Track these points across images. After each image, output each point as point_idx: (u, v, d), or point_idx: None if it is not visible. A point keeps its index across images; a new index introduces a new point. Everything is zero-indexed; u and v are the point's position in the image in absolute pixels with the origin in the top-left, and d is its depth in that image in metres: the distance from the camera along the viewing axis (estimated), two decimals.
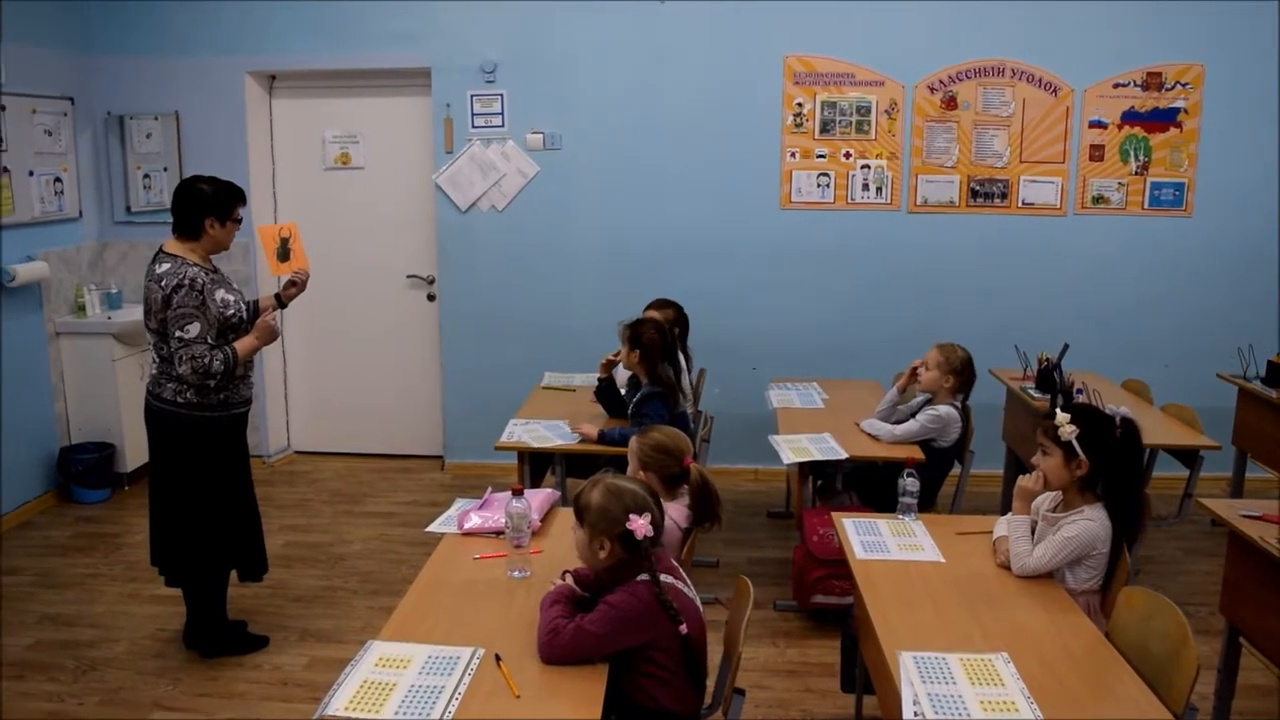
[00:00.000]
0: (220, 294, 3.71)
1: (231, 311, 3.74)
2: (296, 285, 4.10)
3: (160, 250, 3.74)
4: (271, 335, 3.84)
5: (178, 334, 3.61)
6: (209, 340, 3.65)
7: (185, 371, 3.62)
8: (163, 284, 3.62)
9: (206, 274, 3.69)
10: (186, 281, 3.60)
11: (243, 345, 3.76)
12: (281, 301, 4.12)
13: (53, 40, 5.78)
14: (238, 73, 6.07)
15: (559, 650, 2.38)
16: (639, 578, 2.46)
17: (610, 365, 4.66)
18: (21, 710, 3.67)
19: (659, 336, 4.45)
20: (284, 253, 4.07)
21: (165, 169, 6.17)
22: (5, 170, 5.35)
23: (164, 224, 6.01)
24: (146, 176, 6.20)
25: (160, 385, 3.76)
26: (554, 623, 2.41)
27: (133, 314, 5.84)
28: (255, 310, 4.03)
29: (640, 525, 2.44)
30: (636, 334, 4.43)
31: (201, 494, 3.83)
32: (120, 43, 6.08)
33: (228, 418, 3.84)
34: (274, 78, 6.31)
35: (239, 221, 3.80)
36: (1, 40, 5.03)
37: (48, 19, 5.73)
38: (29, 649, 4.12)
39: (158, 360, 3.76)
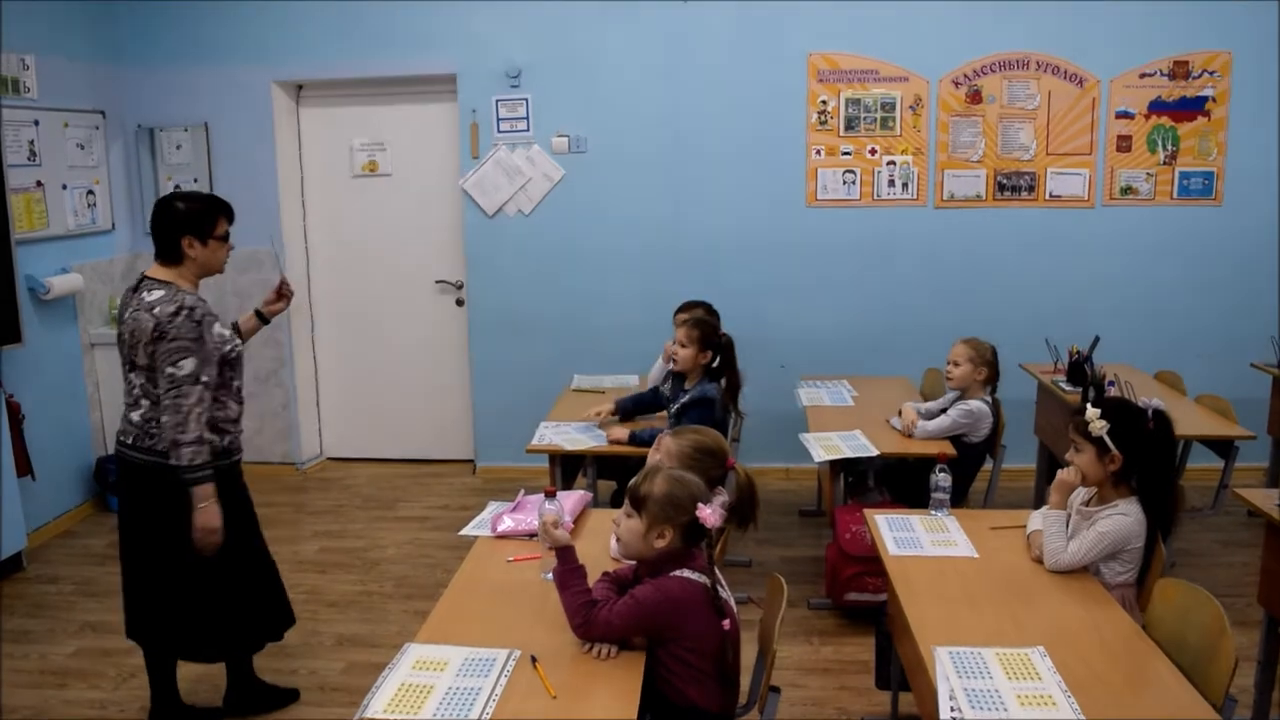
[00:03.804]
0: (217, 327, 3.27)
1: (229, 348, 3.31)
2: (284, 299, 3.72)
3: (144, 277, 3.29)
4: (215, 528, 3.23)
5: (169, 370, 3.12)
6: (203, 379, 3.17)
7: (166, 420, 3.14)
8: (155, 311, 3.14)
9: (202, 303, 3.25)
10: (186, 308, 3.15)
11: (209, 489, 3.20)
12: (264, 318, 3.73)
13: (84, 53, 5.86)
14: (265, 82, 6.13)
15: (592, 636, 2.45)
16: (672, 573, 2.48)
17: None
18: (65, 717, 3.72)
19: (730, 342, 4.45)
20: None
21: (195, 180, 6.24)
22: (39, 184, 5.42)
23: None
24: (177, 187, 6.26)
25: (149, 434, 3.25)
26: (581, 612, 2.45)
27: None
28: (237, 333, 3.60)
29: (708, 514, 2.46)
30: (707, 336, 4.37)
31: (178, 563, 3.30)
32: (149, 55, 6.15)
33: (226, 467, 3.35)
34: (301, 87, 6.37)
35: (225, 238, 3.34)
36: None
37: (78, 33, 5.81)
38: (70, 657, 4.18)
39: (141, 403, 3.26)
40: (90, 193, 5.86)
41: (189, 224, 3.26)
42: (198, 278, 3.34)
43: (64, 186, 5.62)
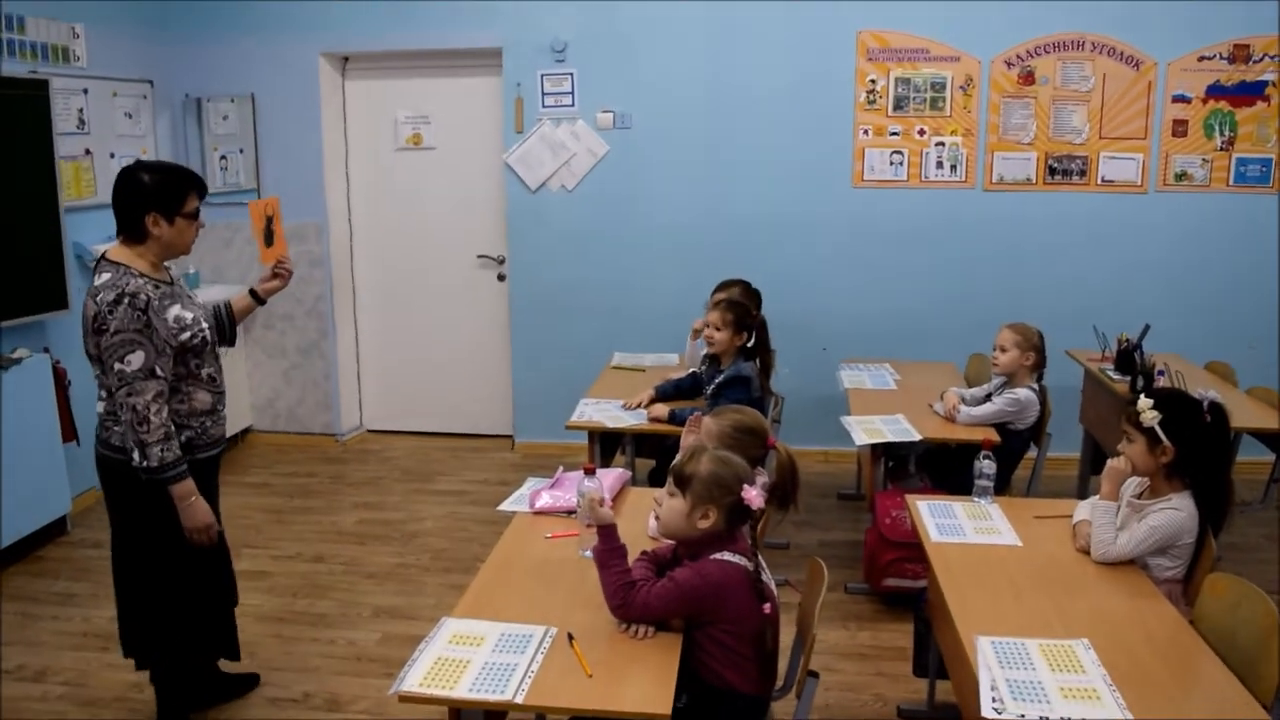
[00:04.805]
0: (174, 311, 2.97)
1: (189, 334, 2.99)
2: (280, 278, 3.36)
3: (101, 257, 3.00)
4: (203, 525, 3.06)
5: (117, 366, 2.85)
6: (157, 373, 2.90)
7: (125, 419, 2.88)
8: (98, 299, 2.85)
9: (155, 287, 2.94)
10: (128, 295, 2.85)
11: (188, 486, 2.98)
12: (259, 298, 3.39)
13: (133, 24, 5.89)
14: (312, 54, 6.14)
15: (630, 617, 2.44)
16: (711, 556, 2.46)
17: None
18: (106, 681, 3.77)
19: (763, 322, 4.46)
20: (270, 236, 3.41)
21: (241, 150, 6.27)
22: (88, 152, 5.47)
23: (239, 204, 6.21)
24: (223, 158, 6.31)
25: (107, 428, 3.04)
26: (620, 593, 2.44)
27: (209, 293, 5.94)
28: (229, 313, 3.34)
29: (753, 496, 2.45)
30: (741, 318, 4.38)
31: (163, 563, 3.12)
32: (197, 25, 6.18)
33: (192, 464, 3.03)
34: (347, 59, 6.37)
35: (194, 216, 3.03)
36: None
37: (128, 4, 5.85)
38: (112, 620, 4.18)
39: (104, 395, 3.02)
40: (140, 160, 5.89)
41: (155, 199, 2.95)
42: (161, 259, 3.04)
43: (112, 155, 5.66)
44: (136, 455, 2.89)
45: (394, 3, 5.99)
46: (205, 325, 3.07)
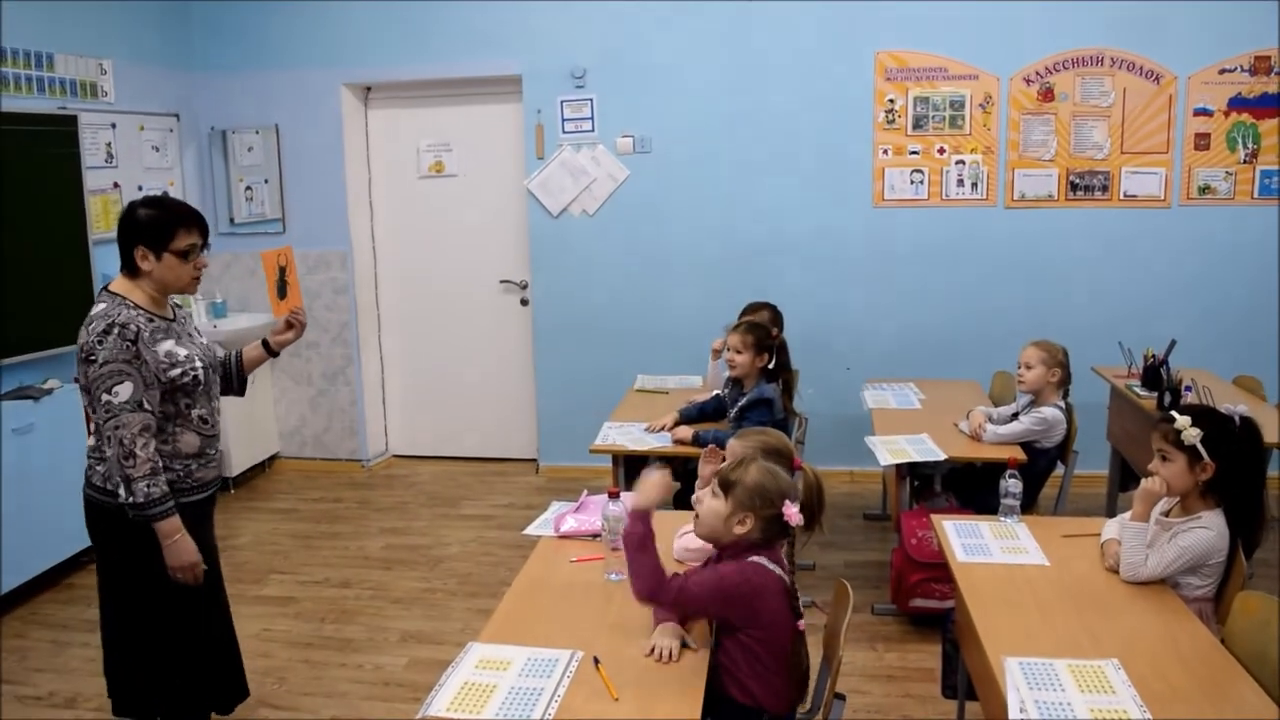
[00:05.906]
0: (166, 346, 2.86)
1: (179, 371, 2.87)
2: (294, 329, 3.26)
3: (103, 289, 2.95)
4: (187, 564, 2.89)
5: (105, 397, 2.75)
6: (145, 406, 2.79)
7: (111, 454, 2.77)
8: (90, 327, 2.79)
9: (149, 319, 2.85)
10: (118, 325, 2.77)
11: (174, 523, 2.84)
12: (272, 350, 3.30)
13: (159, 58, 5.99)
14: (334, 85, 6.22)
15: (661, 603, 2.45)
16: (751, 558, 2.47)
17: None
18: None
19: (784, 343, 4.49)
20: (282, 287, 3.37)
21: (266, 181, 6.35)
22: (116, 185, 5.55)
23: (265, 234, 6.29)
24: (249, 189, 6.39)
25: (91, 466, 2.93)
26: (654, 576, 2.44)
27: (237, 322, 6.03)
28: (239, 364, 3.28)
29: (793, 513, 2.46)
30: (761, 340, 4.39)
31: (154, 611, 2.96)
32: (222, 59, 6.28)
33: (177, 508, 2.88)
34: (369, 89, 6.44)
35: (185, 255, 2.89)
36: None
37: (154, 39, 5.96)
38: None
39: (92, 429, 2.91)
40: (164, 194, 5.97)
41: (143, 233, 2.87)
42: (159, 294, 2.94)
43: (140, 188, 5.73)
44: (122, 491, 2.78)
45: (414, 33, 6.07)
46: (199, 364, 2.95)
